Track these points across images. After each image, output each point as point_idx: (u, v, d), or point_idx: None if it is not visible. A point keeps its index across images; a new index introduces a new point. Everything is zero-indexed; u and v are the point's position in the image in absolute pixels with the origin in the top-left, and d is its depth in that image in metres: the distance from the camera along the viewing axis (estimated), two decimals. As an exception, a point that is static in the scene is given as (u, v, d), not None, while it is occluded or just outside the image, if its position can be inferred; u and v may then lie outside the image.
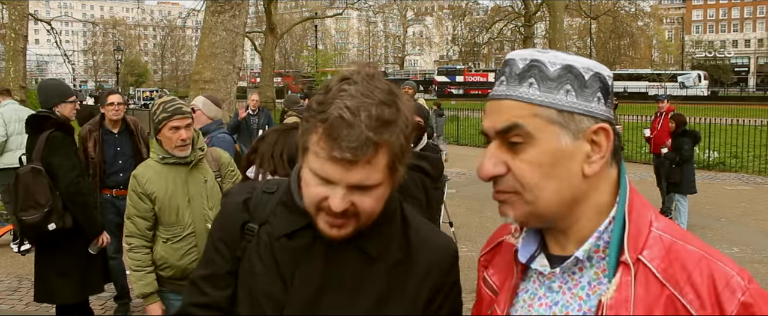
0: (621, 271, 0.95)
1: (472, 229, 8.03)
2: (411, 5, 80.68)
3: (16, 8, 16.38)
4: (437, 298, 1.22)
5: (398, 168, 1.11)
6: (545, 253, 1.05)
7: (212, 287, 1.27)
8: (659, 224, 0.98)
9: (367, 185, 1.07)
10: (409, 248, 1.21)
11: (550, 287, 1.03)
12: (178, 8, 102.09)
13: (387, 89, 1.08)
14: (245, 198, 1.28)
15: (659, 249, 0.95)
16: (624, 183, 1.00)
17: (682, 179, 7.96)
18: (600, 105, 0.97)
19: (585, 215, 0.99)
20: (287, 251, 1.20)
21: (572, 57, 0.98)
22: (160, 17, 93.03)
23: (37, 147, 3.76)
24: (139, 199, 3.02)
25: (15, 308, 5.31)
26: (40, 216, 3.64)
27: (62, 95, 4.02)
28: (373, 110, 1.04)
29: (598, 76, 0.97)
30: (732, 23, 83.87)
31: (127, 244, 3.09)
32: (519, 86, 0.97)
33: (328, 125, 1.03)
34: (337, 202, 1.07)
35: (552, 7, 25.59)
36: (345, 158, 1.03)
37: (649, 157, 13.10)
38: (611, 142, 0.97)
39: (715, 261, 0.93)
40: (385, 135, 1.04)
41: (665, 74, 53.31)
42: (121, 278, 5.03)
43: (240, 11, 7.53)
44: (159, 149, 3.06)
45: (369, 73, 1.09)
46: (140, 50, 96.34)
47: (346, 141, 1.02)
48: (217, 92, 7.14)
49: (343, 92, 1.05)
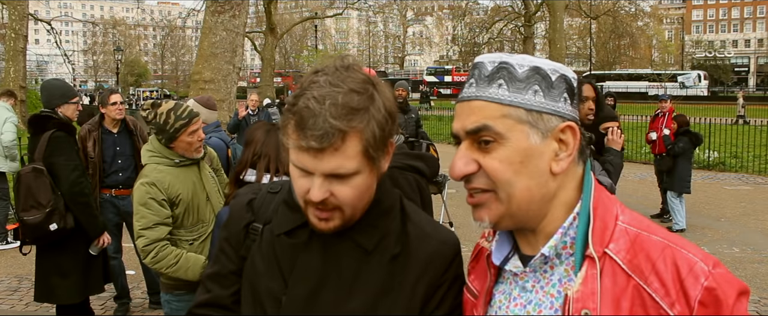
0: (586, 265, 0.97)
1: (472, 229, 7.99)
2: (411, 5, 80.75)
3: (16, 8, 16.38)
4: (437, 293, 1.21)
5: (376, 156, 1.11)
6: (519, 254, 1.07)
7: (217, 285, 1.29)
8: (625, 218, 1.00)
9: (341, 173, 1.08)
10: (408, 242, 1.22)
11: (523, 287, 1.05)
12: (178, 8, 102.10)
13: (361, 79, 1.09)
14: (250, 199, 1.30)
15: (625, 242, 0.97)
16: (588, 179, 1.03)
17: (674, 173, 8.00)
18: (566, 105, 1.00)
19: (553, 213, 1.02)
20: (287, 248, 1.22)
21: (539, 59, 1.01)
22: (160, 17, 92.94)
23: (40, 147, 3.76)
24: (161, 206, 2.93)
25: (15, 308, 5.31)
26: (41, 216, 3.64)
27: (65, 96, 4.02)
28: (339, 98, 1.05)
29: (564, 78, 1.01)
30: (732, 23, 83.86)
31: (151, 251, 2.89)
32: (488, 87, 1.00)
33: (298, 116, 1.06)
34: (315, 191, 1.09)
35: (552, 7, 25.61)
36: (311, 146, 1.05)
37: (649, 157, 13.13)
38: (578, 141, 1.00)
39: (678, 249, 0.95)
40: (353, 122, 1.05)
41: (665, 74, 53.29)
42: (121, 278, 5.04)
43: (240, 11, 7.53)
44: (170, 153, 3.00)
45: (344, 64, 1.10)
46: (140, 50, 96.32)
47: (312, 130, 1.04)
48: (217, 92, 7.15)
49: (314, 84, 1.07)
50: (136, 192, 2.93)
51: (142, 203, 2.90)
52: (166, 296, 3.14)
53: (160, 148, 3.01)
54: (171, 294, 3.12)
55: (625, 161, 11.06)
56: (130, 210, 4.87)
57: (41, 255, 3.93)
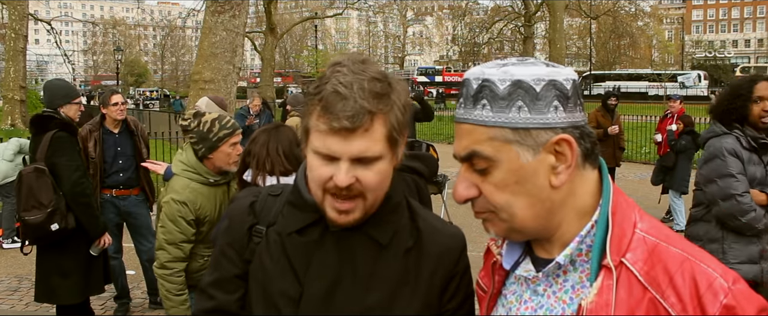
0: (602, 275, 0.94)
1: (472, 229, 7.99)
2: (411, 5, 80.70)
3: (16, 8, 16.39)
4: (451, 285, 1.25)
5: (398, 141, 1.15)
6: (531, 256, 1.05)
7: (220, 291, 1.28)
8: (643, 225, 0.97)
9: (368, 156, 1.10)
10: (419, 236, 1.24)
11: (535, 291, 1.03)
12: (178, 8, 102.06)
13: (378, 70, 1.13)
14: (251, 202, 1.30)
15: (642, 251, 0.94)
16: (606, 185, 1.00)
17: (675, 171, 8.01)
18: (558, 114, 0.95)
19: (565, 221, 0.99)
20: (299, 246, 1.22)
21: (523, 69, 0.95)
22: (160, 17, 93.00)
23: (41, 147, 3.76)
24: (189, 225, 2.89)
25: (15, 308, 5.32)
26: (42, 216, 3.64)
27: (67, 96, 4.02)
28: (365, 84, 1.09)
29: (552, 84, 0.95)
30: (732, 23, 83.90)
31: (168, 269, 2.90)
32: (473, 109, 0.97)
33: (325, 101, 1.09)
34: (341, 176, 1.10)
35: (552, 7, 25.62)
36: (343, 126, 1.07)
37: (649, 157, 13.13)
38: (575, 151, 0.96)
39: (698, 263, 0.91)
40: (380, 105, 1.09)
41: (665, 74, 53.27)
42: (121, 278, 5.04)
43: (240, 11, 7.54)
44: (206, 171, 2.93)
45: (360, 59, 1.14)
46: (140, 50, 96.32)
47: (343, 111, 1.07)
48: (217, 92, 7.16)
49: (337, 72, 1.11)
50: (167, 207, 2.89)
51: (172, 220, 2.87)
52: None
53: (196, 164, 2.92)
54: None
55: (625, 161, 10.97)
56: (130, 210, 4.95)
57: (42, 255, 3.93)
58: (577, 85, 0.99)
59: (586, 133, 0.98)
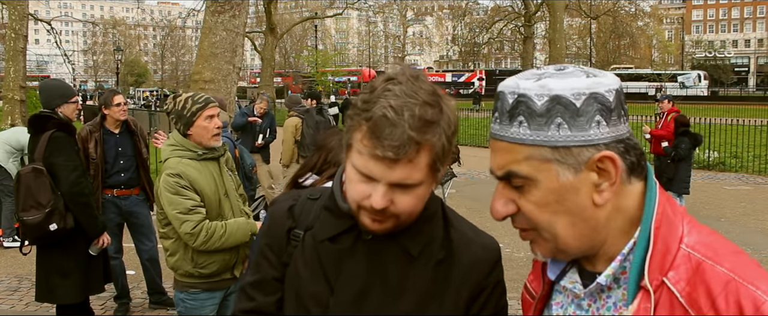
0: (640, 297, 0.89)
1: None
2: (411, 5, 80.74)
3: (16, 8, 16.38)
4: (480, 298, 1.23)
5: (439, 168, 1.12)
6: (578, 267, 1.02)
7: (260, 292, 1.29)
8: (690, 239, 0.90)
9: (408, 183, 1.09)
10: (451, 247, 1.24)
11: (579, 305, 1.01)
12: (178, 8, 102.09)
13: (431, 90, 1.09)
14: (290, 205, 1.31)
15: (685, 270, 0.88)
16: (650, 199, 0.93)
17: (676, 176, 7.98)
18: (600, 129, 0.89)
19: (610, 237, 0.95)
20: (331, 253, 1.22)
21: (561, 82, 0.90)
22: (160, 17, 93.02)
23: (39, 147, 3.76)
24: (193, 192, 2.96)
25: (15, 308, 5.31)
26: (41, 216, 3.64)
27: (64, 96, 4.02)
28: (416, 110, 1.05)
29: (594, 97, 0.89)
30: (732, 23, 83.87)
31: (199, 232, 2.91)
32: (510, 126, 0.93)
33: (372, 124, 1.05)
34: (377, 198, 1.09)
35: (552, 7, 25.60)
36: (387, 156, 1.05)
37: (648, 157, 13.13)
38: (619, 167, 0.90)
39: (744, 285, 0.84)
40: (427, 135, 1.06)
41: (665, 74, 53.26)
42: (122, 278, 5.04)
43: (240, 11, 7.53)
44: (193, 145, 3.03)
45: (414, 74, 1.11)
46: (140, 50, 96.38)
47: (389, 140, 1.04)
48: (217, 92, 7.14)
49: (388, 92, 1.07)
50: (164, 183, 2.94)
51: (175, 192, 2.92)
52: (181, 295, 3.13)
53: (182, 141, 3.04)
54: (186, 292, 3.11)
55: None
56: (132, 210, 4.95)
57: (41, 255, 3.93)
58: (621, 94, 0.92)
59: (631, 146, 0.92)
